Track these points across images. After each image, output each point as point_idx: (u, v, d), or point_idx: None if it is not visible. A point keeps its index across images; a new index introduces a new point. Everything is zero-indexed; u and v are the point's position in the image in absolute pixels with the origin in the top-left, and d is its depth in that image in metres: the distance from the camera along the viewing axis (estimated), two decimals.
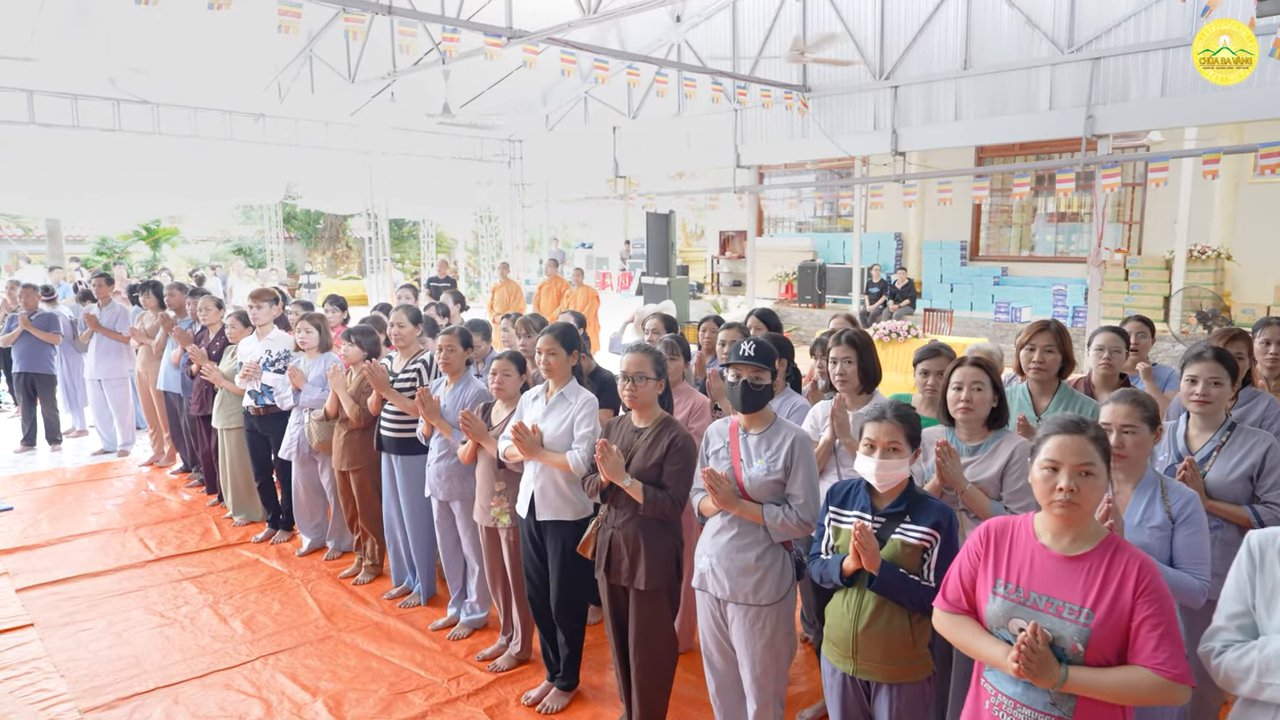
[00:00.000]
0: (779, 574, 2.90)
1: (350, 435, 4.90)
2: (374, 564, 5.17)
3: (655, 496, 3.11)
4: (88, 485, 7.18)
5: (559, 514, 3.57)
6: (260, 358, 5.64)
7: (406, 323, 4.67)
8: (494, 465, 3.89)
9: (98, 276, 8.09)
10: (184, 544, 5.77)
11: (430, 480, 4.33)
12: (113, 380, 8.05)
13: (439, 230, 23.87)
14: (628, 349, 3.26)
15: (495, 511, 3.92)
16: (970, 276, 15.33)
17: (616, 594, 3.34)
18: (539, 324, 4.88)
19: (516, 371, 3.96)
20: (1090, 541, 2.00)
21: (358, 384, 4.89)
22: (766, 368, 2.89)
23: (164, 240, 23.05)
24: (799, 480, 2.84)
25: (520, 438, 3.47)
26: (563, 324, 3.69)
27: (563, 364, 3.62)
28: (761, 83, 11.33)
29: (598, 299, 11.69)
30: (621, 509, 3.23)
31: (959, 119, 10.41)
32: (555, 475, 3.56)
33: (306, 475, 5.52)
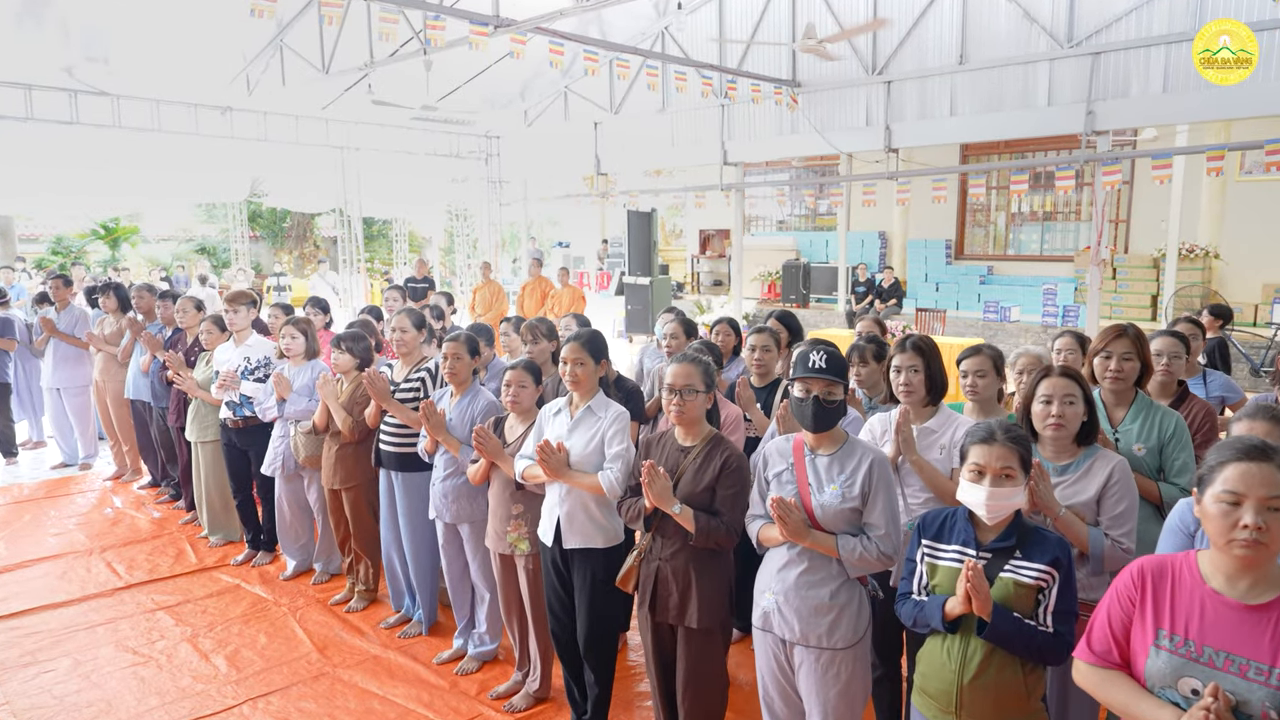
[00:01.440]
0: (855, 613, 2.57)
1: (343, 450, 4.50)
2: (368, 589, 4.77)
3: (709, 525, 2.77)
4: (47, 502, 6.66)
5: (589, 541, 3.22)
6: (238, 366, 5.20)
7: (410, 328, 4.28)
8: (510, 486, 3.52)
9: (55, 278, 7.55)
10: (156, 568, 5.31)
11: (436, 501, 3.95)
12: (72, 388, 7.51)
13: (410, 229, 23.28)
14: (677, 359, 2.92)
15: (512, 537, 3.55)
16: (955, 275, 15.21)
17: (662, 632, 2.99)
18: (546, 330, 4.52)
19: (533, 383, 3.60)
20: (1275, 588, 1.70)
21: (350, 394, 4.49)
22: (840, 381, 2.57)
23: (123, 239, 22.21)
24: (879, 508, 2.51)
25: (546, 457, 3.11)
26: (590, 331, 3.34)
27: (591, 374, 3.26)
28: (751, 77, 11.03)
29: (584, 300, 11.32)
30: (669, 539, 2.89)
31: (954, 115, 10.20)
32: (584, 498, 3.21)
33: (291, 492, 5.09)
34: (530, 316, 11.20)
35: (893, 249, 16.37)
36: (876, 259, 16.45)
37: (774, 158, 13.71)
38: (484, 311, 11.30)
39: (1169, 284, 11.48)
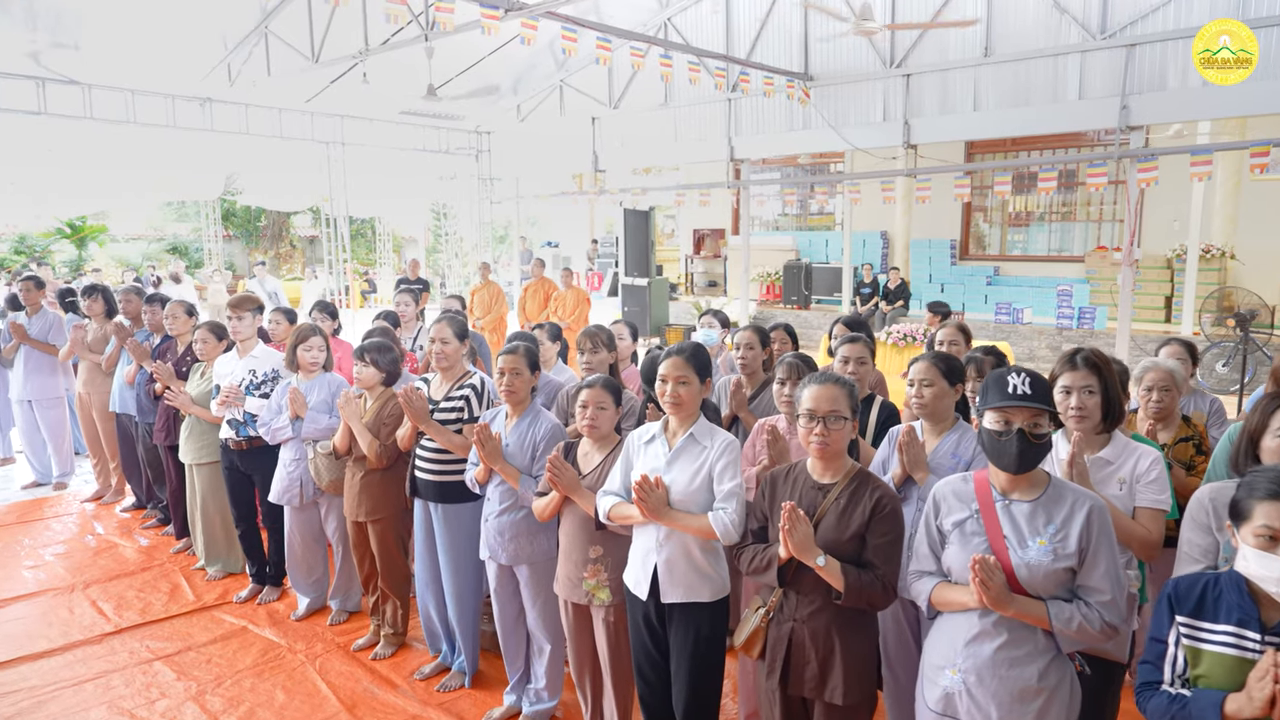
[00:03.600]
0: (1067, 698, 2.09)
1: (369, 477, 3.95)
2: (396, 632, 4.21)
3: (861, 581, 2.27)
4: (19, 528, 6.01)
5: (693, 594, 2.71)
6: (243, 379, 4.62)
7: (451, 338, 3.73)
8: (587, 525, 3.01)
9: (25, 279, 6.88)
10: (149, 607, 4.71)
11: (489, 538, 3.42)
12: (45, 400, 6.86)
13: (391, 228, 22.58)
14: (817, 379, 2.43)
15: (590, 584, 3.03)
16: (961, 276, 14.85)
17: (793, 706, 2.49)
18: (607, 338, 4.00)
19: (613, 403, 3.08)
20: None
21: (375, 413, 3.94)
22: (1048, 409, 2.08)
23: (90, 238, 21.28)
24: (1101, 568, 2.03)
25: (645, 495, 2.60)
26: (693, 344, 2.82)
27: (695, 395, 2.76)
28: (762, 69, 10.56)
29: (588, 302, 10.76)
30: (806, 596, 2.39)
31: (978, 109, 9.81)
32: (688, 543, 2.70)
33: (304, 522, 4.52)
34: (533, 320, 10.72)
35: (894, 249, 15.97)
36: (878, 259, 16.05)
37: (783, 154, 13.23)
38: (483, 315, 10.72)
39: (1189, 286, 11.17)
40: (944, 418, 2.93)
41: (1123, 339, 8.85)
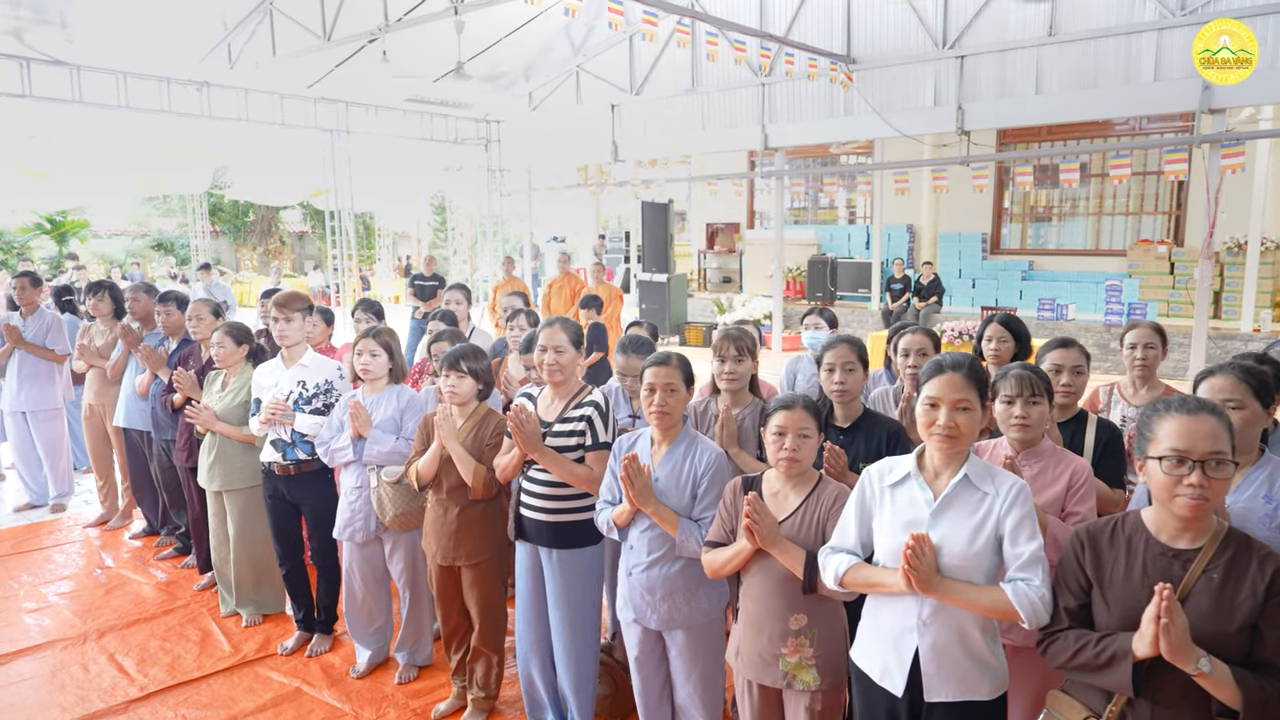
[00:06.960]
0: None
1: (469, 513, 3.24)
2: (488, 695, 3.51)
3: (1266, 695, 1.61)
4: (15, 561, 5.24)
5: (968, 690, 2.03)
6: (291, 393, 3.91)
7: (567, 345, 3.02)
8: (788, 588, 2.33)
9: (20, 276, 6.10)
10: (179, 663, 3.98)
11: (634, 597, 2.74)
12: (42, 412, 6.08)
13: (389, 223, 21.76)
14: (1187, 407, 1.76)
15: (789, 664, 2.36)
16: (994, 271, 14.30)
17: None
18: (750, 344, 3.29)
19: (816, 429, 2.40)
20: None
21: (470, 434, 3.25)
22: None
23: (71, 234, 20.30)
24: None
25: (919, 563, 1.93)
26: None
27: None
28: (802, 48, 9.89)
29: (621, 299, 10.07)
30: (1171, 710, 1.72)
31: (1040, 93, 9.18)
32: (964, 624, 2.03)
33: (366, 561, 3.81)
34: None
35: (921, 243, 15.39)
36: (905, 253, 15.45)
37: (822, 141, 12.54)
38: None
39: (1250, 280, 10.65)
40: (1249, 449, 2.28)
41: (1199, 339, 8.27)
